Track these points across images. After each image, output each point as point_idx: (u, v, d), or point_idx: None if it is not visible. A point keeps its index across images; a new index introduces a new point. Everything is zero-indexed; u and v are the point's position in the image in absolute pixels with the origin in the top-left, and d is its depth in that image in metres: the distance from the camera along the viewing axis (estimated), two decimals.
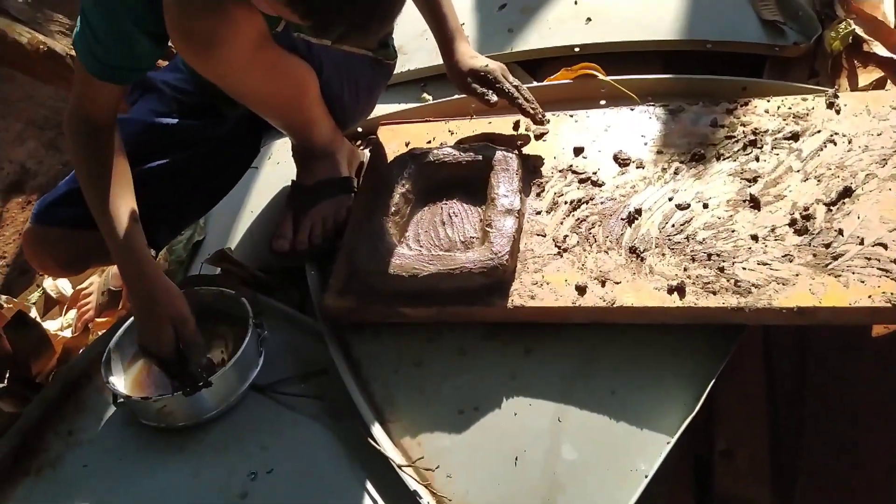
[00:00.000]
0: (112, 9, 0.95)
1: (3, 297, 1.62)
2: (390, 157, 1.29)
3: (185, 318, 1.02)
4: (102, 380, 1.05)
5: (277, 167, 1.50)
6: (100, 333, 1.44)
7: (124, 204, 1.05)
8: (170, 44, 1.04)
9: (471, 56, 1.24)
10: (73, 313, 1.59)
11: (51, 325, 1.57)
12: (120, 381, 1.08)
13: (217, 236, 1.47)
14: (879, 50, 1.37)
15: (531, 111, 1.20)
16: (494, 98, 1.20)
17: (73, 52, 2.14)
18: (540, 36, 1.54)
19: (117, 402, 1.05)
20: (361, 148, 1.45)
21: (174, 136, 1.21)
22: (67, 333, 1.52)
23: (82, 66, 1.01)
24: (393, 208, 1.16)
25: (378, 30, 0.78)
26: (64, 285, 1.69)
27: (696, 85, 1.34)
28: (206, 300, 1.15)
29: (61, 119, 2.90)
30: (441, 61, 1.53)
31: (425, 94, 1.54)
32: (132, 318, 1.11)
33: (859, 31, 1.41)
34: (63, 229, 1.14)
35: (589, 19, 1.53)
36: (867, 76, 1.37)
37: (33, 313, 1.62)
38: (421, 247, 1.14)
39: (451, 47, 1.24)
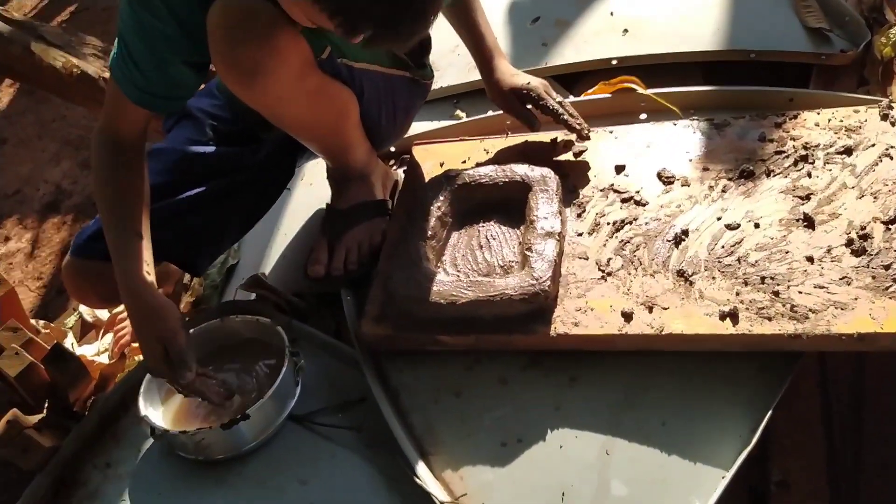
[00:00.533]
0: (151, 38, 0.94)
1: (41, 322, 1.62)
2: (425, 178, 1.26)
3: (174, 333, 0.98)
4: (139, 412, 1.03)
5: (310, 188, 1.49)
6: (136, 359, 1.44)
7: (133, 224, 1.04)
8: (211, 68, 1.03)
9: (511, 74, 1.22)
10: (109, 337, 1.59)
11: (87, 350, 1.57)
12: (157, 414, 1.06)
13: (251, 260, 1.46)
14: None
15: (577, 127, 1.18)
16: (538, 121, 1.17)
17: (105, 75, 2.16)
18: (575, 49, 1.51)
19: (155, 435, 1.03)
20: (395, 168, 1.43)
21: (211, 164, 1.20)
22: (104, 359, 1.52)
23: (118, 89, 1.00)
24: (429, 232, 1.14)
25: (409, 32, 0.76)
26: (100, 311, 1.69)
27: (741, 97, 1.29)
28: (243, 329, 1.14)
29: None
30: (474, 77, 1.52)
31: (459, 112, 1.52)
32: None
33: None
34: (103, 262, 1.14)
35: (626, 31, 1.49)
36: None
37: (69, 338, 1.62)
38: (458, 272, 1.11)
39: (490, 65, 1.22)
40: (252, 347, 1.14)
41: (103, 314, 1.68)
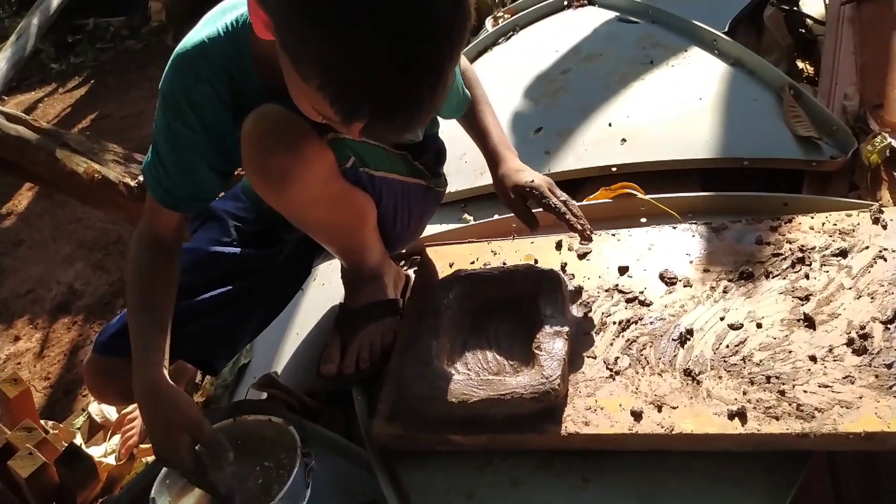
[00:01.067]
0: (180, 144, 1.01)
1: (49, 422, 1.62)
2: (436, 278, 1.30)
3: (200, 423, 0.99)
4: None
5: (323, 289, 1.53)
6: (145, 461, 1.43)
7: (159, 318, 1.08)
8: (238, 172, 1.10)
9: (517, 170, 1.24)
10: (117, 438, 1.59)
11: (95, 451, 1.56)
12: None
13: (263, 359, 1.48)
14: None
15: (579, 227, 1.18)
16: (537, 223, 1.21)
17: (125, 180, 2.26)
18: (577, 157, 1.58)
19: None
20: (405, 268, 1.47)
21: (234, 265, 1.25)
22: (111, 459, 1.51)
23: (152, 199, 1.06)
24: (440, 331, 1.16)
25: (405, 120, 0.77)
26: (109, 410, 1.69)
27: (737, 202, 1.35)
28: (255, 429, 1.15)
29: (109, 241, 3.03)
30: (480, 183, 1.59)
31: (466, 215, 1.58)
32: None
33: (895, 143, 1.42)
34: (125, 360, 1.16)
35: (624, 140, 1.57)
36: None
37: (77, 438, 1.62)
38: (469, 370, 1.13)
39: (497, 160, 1.26)
40: (264, 447, 1.14)
41: (112, 415, 1.68)
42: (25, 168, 2.25)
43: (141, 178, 2.23)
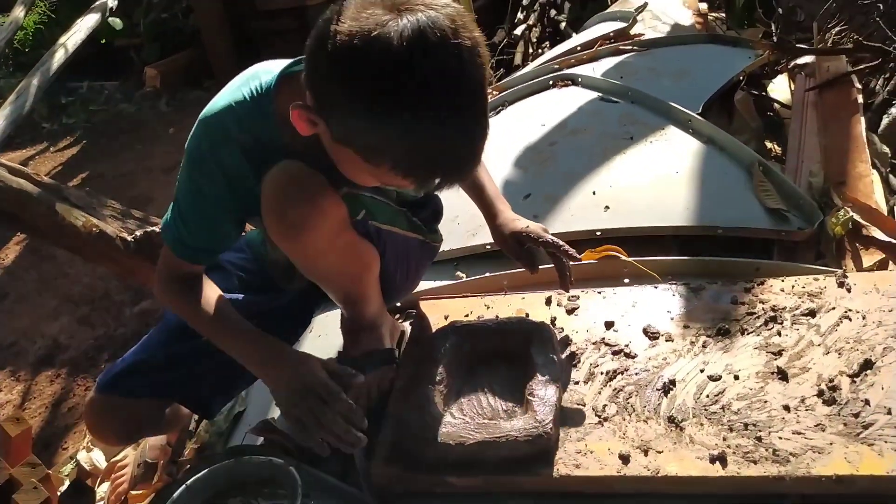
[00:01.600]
0: (204, 201, 1.09)
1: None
2: (432, 329, 1.37)
3: (324, 360, 1.11)
4: None
5: (319, 340, 1.58)
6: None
7: (237, 320, 1.17)
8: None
9: (512, 219, 1.34)
10: (106, 486, 1.60)
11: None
12: None
13: (258, 407, 1.51)
14: (878, 234, 1.50)
15: (564, 271, 1.30)
16: (536, 266, 1.32)
17: (122, 234, 2.31)
18: (563, 222, 1.68)
19: None
20: (400, 321, 1.54)
21: (237, 309, 1.30)
22: None
23: (170, 250, 1.14)
24: (437, 377, 1.22)
25: (468, 173, 0.98)
26: (98, 458, 1.70)
27: (713, 266, 1.44)
28: (256, 470, 1.18)
29: (95, 296, 3.05)
30: (472, 243, 1.68)
31: (459, 272, 1.66)
32: (178, 492, 1.13)
33: (857, 217, 1.54)
34: (128, 399, 1.20)
35: (607, 207, 1.68)
36: (870, 258, 1.49)
37: (65, 485, 1.62)
38: (465, 415, 1.18)
39: (493, 212, 1.36)
40: (263, 489, 1.17)
41: (101, 462, 1.69)
42: (24, 220, 2.30)
43: (138, 232, 2.29)
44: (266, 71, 1.10)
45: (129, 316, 2.87)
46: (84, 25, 4.29)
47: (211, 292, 1.19)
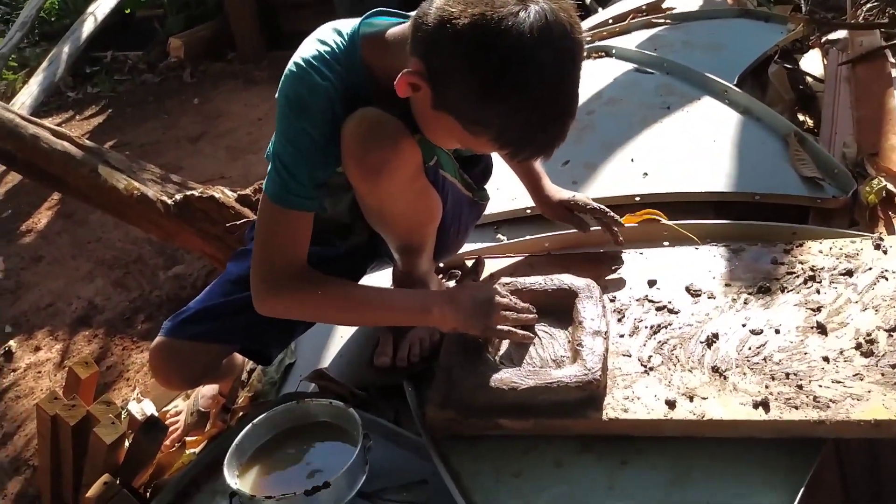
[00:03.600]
0: (303, 143, 1.11)
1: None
2: None
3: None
4: (226, 481, 1.12)
5: None
6: (191, 452, 1.51)
7: (360, 287, 1.32)
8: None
9: (557, 190, 1.46)
10: None
11: None
12: (235, 485, 1.15)
13: (306, 360, 1.58)
14: None
15: (615, 229, 1.42)
16: (587, 225, 1.41)
17: (162, 198, 2.36)
18: (602, 187, 1.73)
19: (240, 502, 1.11)
20: (444, 280, 1.59)
21: None
22: None
23: (278, 211, 1.14)
24: None
25: (556, 147, 1.04)
26: (148, 407, 1.77)
27: (750, 230, 1.49)
28: (316, 411, 1.25)
29: (129, 259, 3.13)
30: (512, 207, 1.73)
31: (499, 235, 1.71)
32: (246, 429, 1.20)
33: (890, 186, 1.58)
34: (193, 343, 1.27)
35: (646, 174, 1.73)
36: None
37: None
38: (514, 364, 1.24)
39: (539, 186, 1.47)
40: (322, 429, 1.24)
41: (151, 410, 1.76)
42: (68, 183, 2.36)
43: (178, 196, 2.35)
44: (344, 25, 1.16)
45: (163, 279, 2.94)
46: None
47: (324, 276, 1.19)
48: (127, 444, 1.35)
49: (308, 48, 1.13)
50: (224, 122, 4.29)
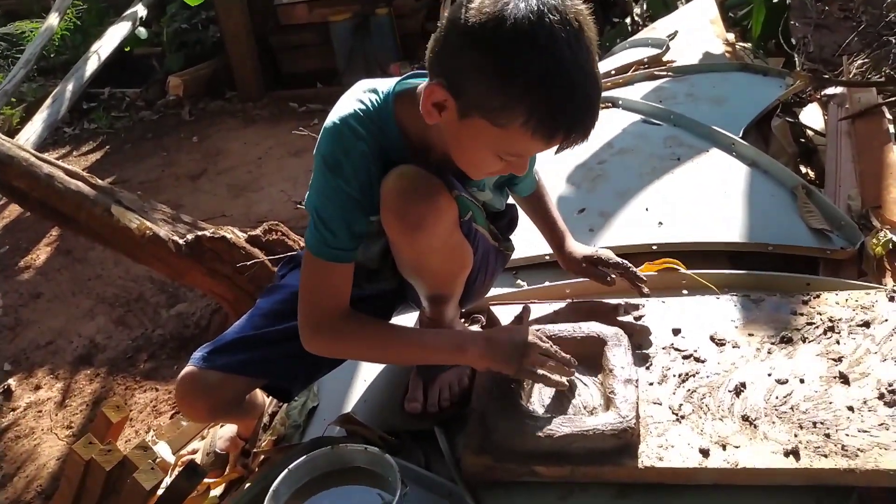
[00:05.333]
0: (341, 199, 1.15)
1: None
2: None
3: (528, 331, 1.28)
4: None
5: None
6: (214, 494, 1.51)
7: (406, 331, 1.34)
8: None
9: (580, 247, 1.50)
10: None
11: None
12: None
13: (329, 403, 1.59)
14: None
15: (637, 282, 1.45)
16: (613, 277, 1.45)
17: (174, 238, 2.38)
18: (618, 235, 1.78)
19: None
20: (466, 324, 1.62)
21: None
22: None
23: (319, 264, 1.18)
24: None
25: (587, 136, 1.06)
26: (164, 451, 1.76)
27: (766, 280, 1.54)
28: (351, 456, 1.26)
29: (130, 298, 3.12)
30: (531, 253, 1.77)
31: (519, 281, 1.75)
32: (283, 474, 1.20)
33: (895, 238, 1.65)
34: (221, 374, 1.28)
35: (661, 223, 1.78)
36: None
37: None
38: (547, 411, 1.27)
39: (564, 243, 1.51)
40: (355, 475, 1.25)
41: (168, 456, 1.76)
42: (79, 221, 2.37)
43: (189, 236, 2.37)
44: (380, 84, 1.20)
45: (165, 318, 2.93)
46: (116, 34, 4.38)
47: (366, 318, 1.24)
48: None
49: (345, 107, 1.17)
50: (223, 161, 4.32)
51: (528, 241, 1.80)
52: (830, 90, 2.34)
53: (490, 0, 0.99)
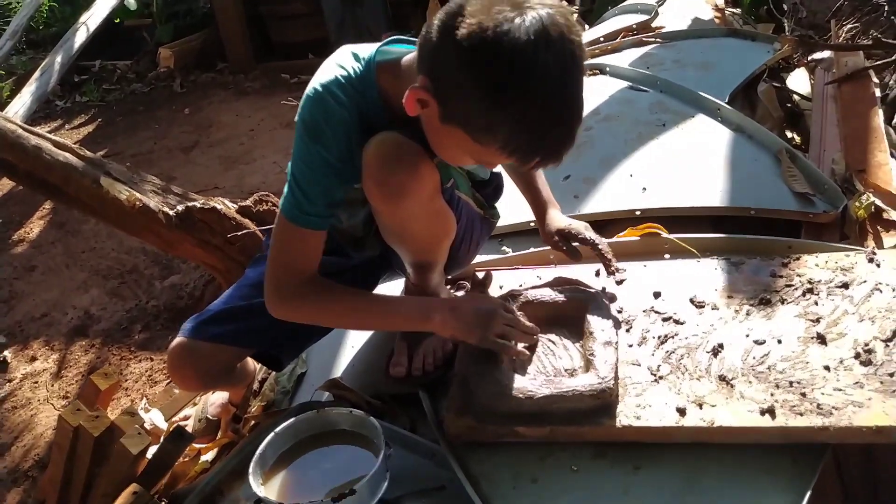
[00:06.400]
0: (319, 166, 1.16)
1: None
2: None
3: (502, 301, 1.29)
4: (251, 488, 1.15)
5: None
6: (205, 459, 1.54)
7: (372, 297, 1.32)
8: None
9: (558, 219, 1.47)
10: None
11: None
12: (261, 492, 1.17)
13: (318, 370, 1.61)
14: None
15: (608, 258, 1.39)
16: (579, 256, 1.43)
17: (164, 209, 2.38)
18: (603, 201, 1.79)
19: None
20: (452, 290, 1.64)
21: None
22: None
23: (291, 228, 1.19)
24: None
25: (565, 152, 1.05)
26: (157, 418, 1.79)
27: (748, 243, 1.55)
28: (336, 420, 1.28)
29: (124, 270, 3.13)
30: (515, 220, 1.78)
31: (504, 248, 1.76)
32: (269, 437, 1.23)
33: (878, 202, 1.66)
34: (212, 344, 1.30)
35: (644, 189, 1.79)
36: (890, 239, 1.60)
37: None
38: (528, 374, 1.29)
39: (543, 211, 1.49)
40: (342, 437, 1.28)
41: (161, 423, 1.78)
42: (69, 193, 2.37)
43: (179, 207, 2.37)
44: (361, 50, 1.20)
45: (159, 289, 2.95)
46: (104, 4, 4.34)
47: (333, 284, 1.25)
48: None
49: (326, 73, 1.17)
50: (216, 133, 4.31)
51: (512, 208, 1.82)
52: (818, 55, 2.33)
53: (489, 16, 0.95)
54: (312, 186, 1.17)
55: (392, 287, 1.66)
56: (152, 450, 1.71)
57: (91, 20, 4.16)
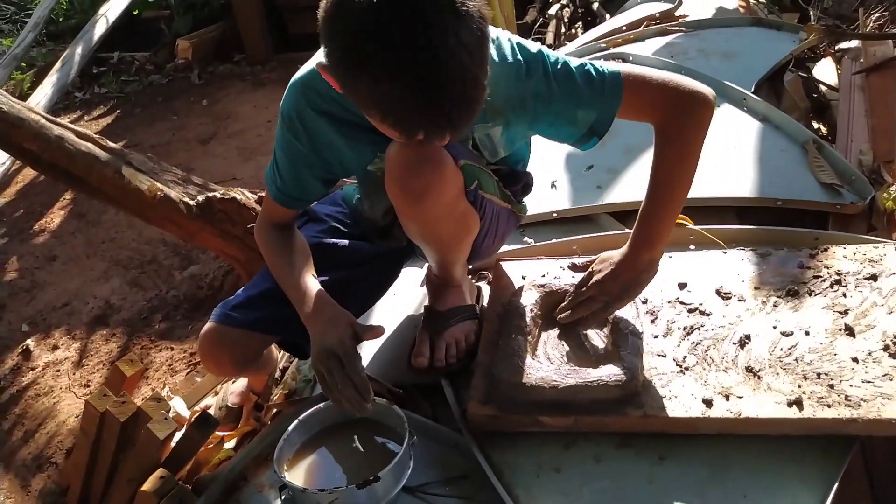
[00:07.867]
0: (291, 154, 1.22)
1: None
2: (509, 289, 1.46)
3: (354, 321, 1.20)
4: (276, 474, 1.15)
5: (394, 298, 1.68)
6: (228, 447, 1.55)
7: (302, 271, 1.28)
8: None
9: (613, 258, 1.30)
10: None
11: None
12: (286, 478, 1.18)
13: None
14: None
15: (566, 304, 1.33)
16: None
17: (185, 199, 2.40)
18: (626, 192, 1.77)
19: (284, 499, 1.15)
20: (474, 280, 1.63)
21: (336, 254, 1.41)
22: None
23: (268, 195, 1.30)
24: (525, 329, 1.32)
25: (458, 122, 0.94)
26: (179, 406, 1.80)
27: (774, 234, 1.53)
28: None
29: (144, 260, 3.15)
30: (538, 210, 1.77)
31: (526, 238, 1.75)
32: (293, 424, 1.23)
33: None
34: (243, 330, 1.31)
35: None
36: None
37: None
38: (553, 363, 1.28)
39: (620, 246, 1.33)
40: (366, 425, 1.28)
41: (184, 411, 1.80)
42: (91, 183, 2.38)
43: (200, 197, 2.38)
44: None
45: (179, 279, 2.96)
46: None
47: (296, 243, 1.32)
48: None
49: (308, 64, 1.17)
50: (233, 124, 4.31)
51: (533, 199, 1.80)
52: (845, 44, 2.29)
53: None
54: (285, 170, 1.24)
55: (416, 273, 1.65)
56: (177, 437, 1.74)
57: (110, 12, 4.18)
